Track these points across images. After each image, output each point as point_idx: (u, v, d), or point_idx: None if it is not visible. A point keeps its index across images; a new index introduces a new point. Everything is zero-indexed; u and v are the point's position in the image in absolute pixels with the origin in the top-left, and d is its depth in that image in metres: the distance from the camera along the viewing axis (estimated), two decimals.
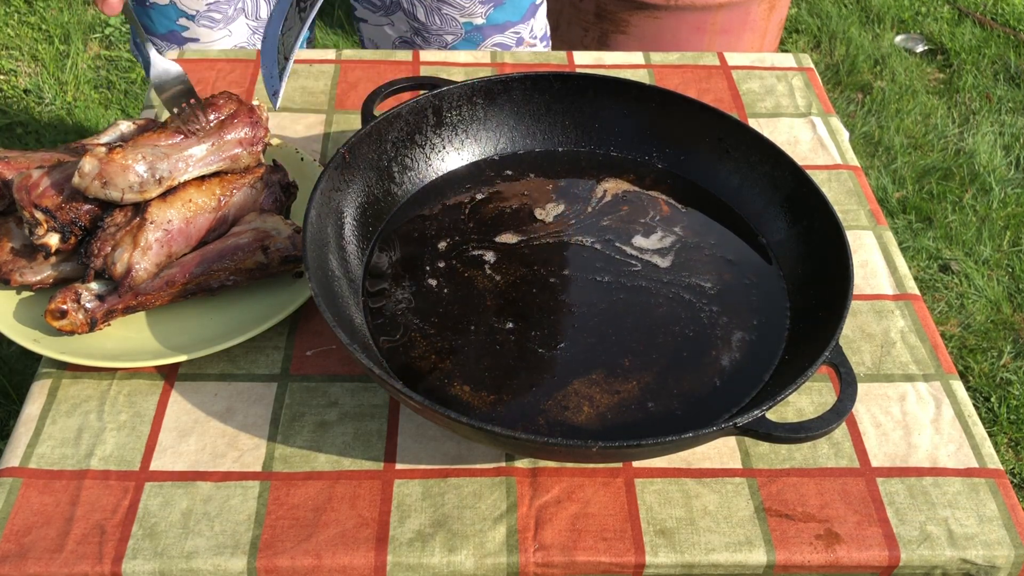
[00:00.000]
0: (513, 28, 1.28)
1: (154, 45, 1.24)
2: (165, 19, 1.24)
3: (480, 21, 1.25)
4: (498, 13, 1.25)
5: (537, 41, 1.33)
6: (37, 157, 0.86)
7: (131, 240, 0.80)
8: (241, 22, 1.27)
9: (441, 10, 1.23)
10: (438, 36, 1.26)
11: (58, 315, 0.78)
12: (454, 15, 1.23)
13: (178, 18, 1.23)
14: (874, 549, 0.70)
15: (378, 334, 0.80)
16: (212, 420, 0.77)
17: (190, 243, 0.84)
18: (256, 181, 0.87)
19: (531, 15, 1.30)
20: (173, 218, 0.82)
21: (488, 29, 1.26)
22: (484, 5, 1.24)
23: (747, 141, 0.91)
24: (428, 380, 0.77)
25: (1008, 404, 1.73)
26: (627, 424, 0.74)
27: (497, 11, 1.25)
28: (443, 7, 1.23)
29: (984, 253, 2.01)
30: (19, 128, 2.19)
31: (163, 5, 1.22)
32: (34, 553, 0.67)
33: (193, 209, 0.83)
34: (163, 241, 0.81)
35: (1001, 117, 2.36)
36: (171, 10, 1.22)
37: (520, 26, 1.28)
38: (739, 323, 0.82)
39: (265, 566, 0.68)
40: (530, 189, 0.94)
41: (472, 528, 0.70)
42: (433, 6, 1.23)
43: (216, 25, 1.25)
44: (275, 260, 0.83)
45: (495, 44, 1.28)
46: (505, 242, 0.88)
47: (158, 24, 1.24)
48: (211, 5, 1.22)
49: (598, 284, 0.85)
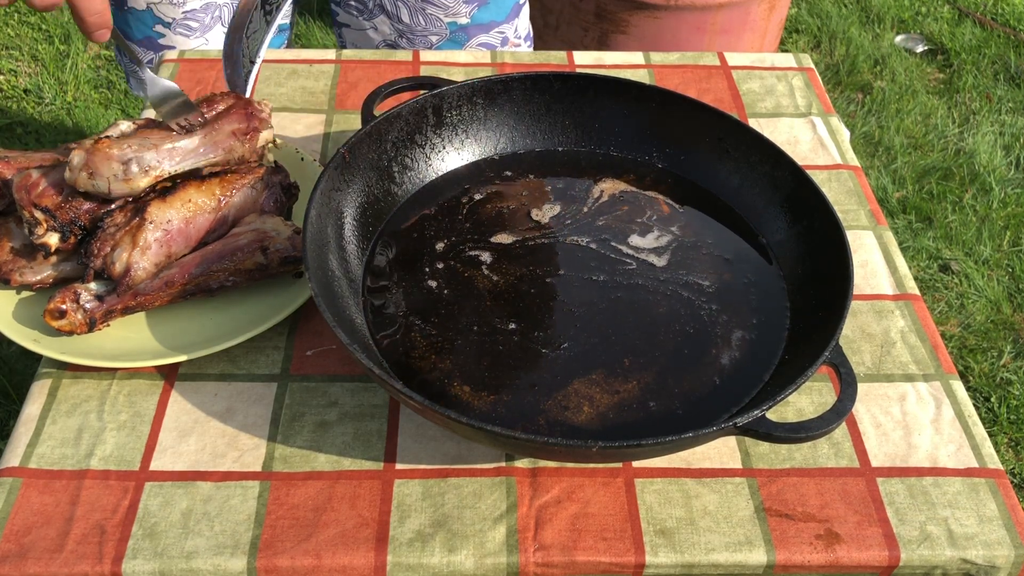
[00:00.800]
0: (498, 28, 1.28)
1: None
2: (142, 25, 1.24)
3: (465, 21, 1.25)
4: (482, 13, 1.26)
5: (521, 41, 1.33)
6: (37, 157, 0.86)
7: (130, 240, 0.80)
8: (218, 30, 1.27)
9: (425, 10, 1.23)
10: (423, 37, 1.26)
11: (57, 315, 0.78)
12: (439, 15, 1.23)
13: (154, 24, 1.23)
14: (874, 549, 0.70)
15: (378, 334, 0.80)
16: (212, 420, 0.77)
17: (190, 243, 0.84)
18: (256, 182, 0.87)
19: (515, 15, 1.30)
20: (173, 218, 0.82)
21: (473, 29, 1.26)
22: (468, 5, 1.24)
23: (747, 141, 0.91)
24: (428, 380, 0.77)
25: (1008, 404, 1.73)
26: (627, 424, 0.74)
27: (481, 11, 1.25)
28: (427, 7, 1.23)
29: (984, 253, 2.01)
30: (19, 128, 2.20)
31: (140, 11, 1.22)
32: (34, 553, 0.67)
33: (193, 209, 0.83)
34: (162, 241, 0.81)
35: (1001, 117, 2.36)
36: (148, 16, 1.22)
37: (504, 26, 1.29)
38: (739, 322, 0.82)
39: (265, 566, 0.68)
40: (529, 189, 0.94)
41: (472, 528, 0.70)
42: (417, 7, 1.23)
43: (192, 33, 1.24)
44: (274, 261, 0.83)
45: (480, 44, 1.28)
46: (504, 243, 0.88)
47: (135, 30, 1.24)
48: (187, 13, 1.22)
49: (596, 284, 0.85)
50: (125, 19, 1.24)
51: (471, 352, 0.79)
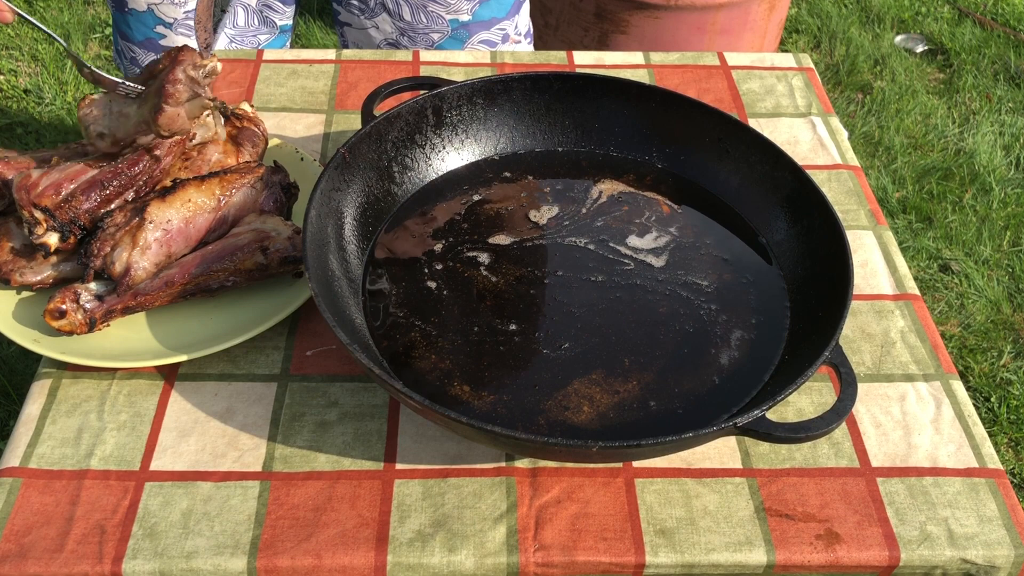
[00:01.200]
0: (499, 24, 1.28)
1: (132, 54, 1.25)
2: (143, 26, 1.24)
3: (466, 18, 1.25)
4: (484, 9, 1.26)
5: (522, 38, 1.33)
6: (37, 157, 0.86)
7: (130, 240, 0.80)
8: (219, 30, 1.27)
9: (427, 8, 1.23)
10: (424, 35, 1.26)
11: (57, 315, 0.77)
12: (440, 12, 1.23)
13: (155, 25, 1.23)
14: (874, 549, 0.70)
15: (378, 334, 0.80)
16: (212, 420, 0.77)
17: (189, 243, 0.84)
18: (256, 181, 0.87)
19: (516, 11, 1.30)
20: (172, 218, 0.82)
21: (475, 26, 1.26)
22: (470, 2, 1.24)
23: (747, 141, 0.91)
24: (428, 380, 0.77)
25: (1008, 404, 1.73)
26: (627, 424, 0.74)
27: (483, 7, 1.25)
28: (429, 5, 1.23)
29: (984, 253, 2.01)
30: (19, 128, 2.20)
31: (141, 12, 1.22)
32: (34, 553, 0.67)
33: (192, 209, 0.83)
34: (162, 241, 0.81)
35: (1001, 117, 2.36)
36: (149, 17, 1.22)
37: (505, 22, 1.29)
38: (739, 322, 0.82)
39: (265, 566, 0.68)
40: (528, 190, 0.94)
41: (472, 528, 0.70)
42: (419, 4, 1.23)
43: (193, 33, 1.25)
44: (274, 261, 0.83)
45: (481, 41, 1.28)
46: (502, 244, 0.88)
47: (136, 31, 1.24)
48: (188, 13, 1.22)
49: (596, 284, 0.85)
50: (126, 20, 1.24)
51: (471, 352, 0.79)
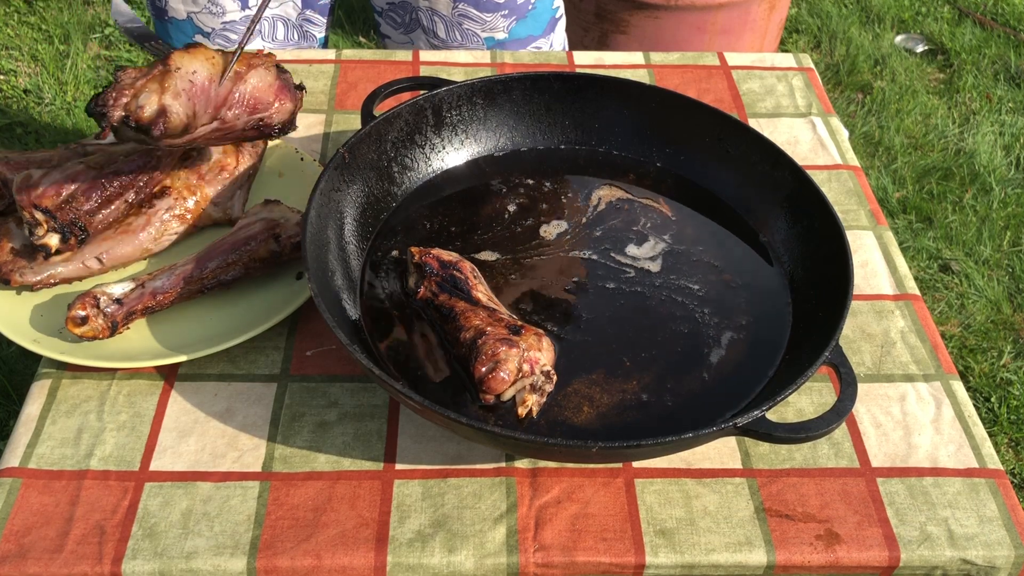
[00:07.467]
0: (535, 43, 1.26)
1: None
2: (182, 34, 1.25)
3: (502, 36, 1.24)
4: (520, 27, 1.24)
5: None
6: (37, 157, 0.86)
7: (157, 85, 0.75)
8: (257, 43, 1.27)
9: (462, 25, 1.22)
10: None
11: (79, 322, 0.77)
12: (475, 30, 1.22)
13: (194, 34, 1.25)
14: (874, 549, 0.70)
15: (378, 334, 0.80)
16: (212, 420, 0.77)
17: (209, 109, 0.79)
18: (271, 66, 0.83)
19: (551, 29, 1.28)
20: (199, 70, 0.77)
21: (511, 44, 1.25)
22: (506, 19, 1.23)
23: (747, 141, 0.91)
24: (428, 380, 0.77)
25: (1008, 404, 1.73)
26: (627, 424, 0.74)
27: (519, 25, 1.24)
28: (464, 22, 1.22)
29: (984, 253, 2.01)
30: (19, 128, 2.19)
31: (180, 20, 1.23)
32: (34, 553, 0.67)
33: (213, 69, 0.79)
34: (190, 93, 0.76)
35: (1001, 117, 2.36)
36: (188, 26, 1.24)
37: (541, 40, 1.27)
38: (739, 323, 0.82)
39: (265, 566, 0.68)
40: (528, 191, 0.94)
41: (472, 528, 0.70)
42: (454, 22, 1.22)
43: (231, 45, 1.25)
44: (287, 247, 0.84)
45: None
46: (500, 246, 0.88)
47: (175, 39, 1.26)
48: (226, 24, 1.23)
49: (596, 287, 0.85)
50: (165, 28, 1.25)
51: None
